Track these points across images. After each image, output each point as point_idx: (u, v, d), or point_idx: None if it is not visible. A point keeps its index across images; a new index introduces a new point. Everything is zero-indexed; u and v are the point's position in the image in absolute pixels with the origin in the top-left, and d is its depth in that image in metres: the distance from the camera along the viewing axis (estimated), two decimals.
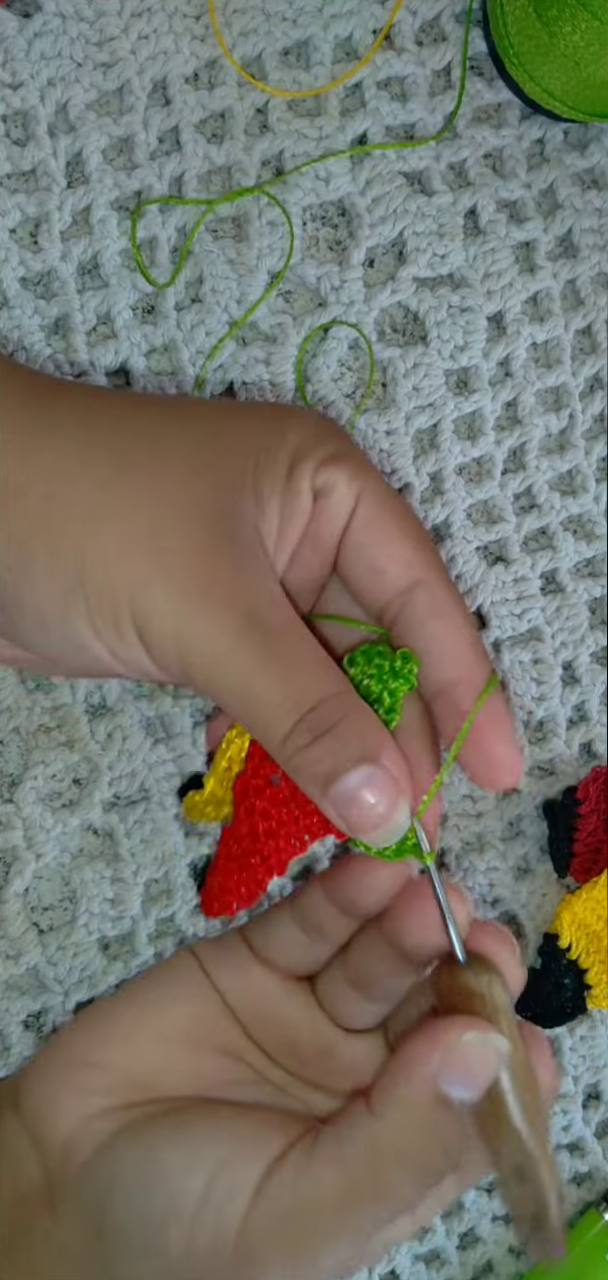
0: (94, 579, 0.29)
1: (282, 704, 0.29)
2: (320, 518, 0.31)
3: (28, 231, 0.38)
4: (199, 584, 0.29)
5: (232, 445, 0.31)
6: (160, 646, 0.29)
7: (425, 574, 0.32)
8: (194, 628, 0.29)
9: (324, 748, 0.29)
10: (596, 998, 0.42)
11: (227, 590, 0.29)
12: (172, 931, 0.41)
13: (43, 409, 0.30)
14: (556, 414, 0.42)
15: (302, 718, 0.29)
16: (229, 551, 0.30)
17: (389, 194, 0.40)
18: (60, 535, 0.29)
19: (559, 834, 0.42)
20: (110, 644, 0.29)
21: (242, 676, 0.29)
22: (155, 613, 0.29)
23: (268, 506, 0.31)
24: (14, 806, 0.39)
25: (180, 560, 0.29)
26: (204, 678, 0.29)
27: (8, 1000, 0.39)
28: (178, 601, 0.29)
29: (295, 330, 0.40)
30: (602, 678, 0.43)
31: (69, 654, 0.30)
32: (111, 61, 0.38)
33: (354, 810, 0.29)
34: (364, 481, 0.31)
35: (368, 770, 0.29)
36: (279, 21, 0.39)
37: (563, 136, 0.41)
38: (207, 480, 0.30)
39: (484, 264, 0.41)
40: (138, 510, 0.29)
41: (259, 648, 0.29)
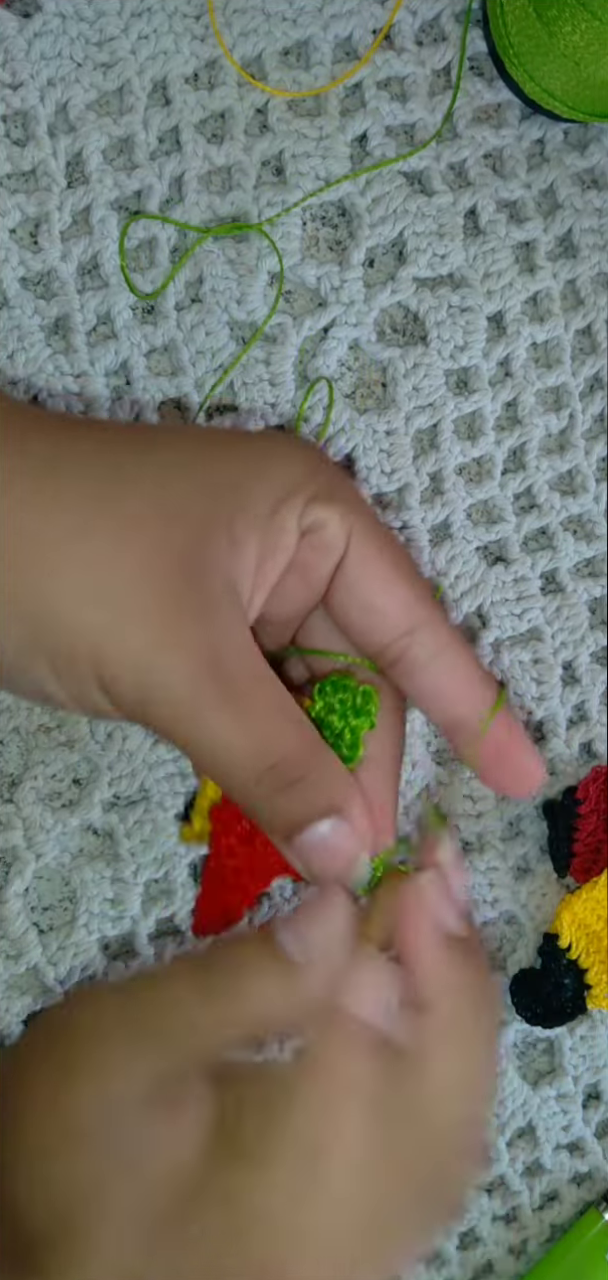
0: (55, 630, 0.29)
1: (245, 757, 0.29)
2: (311, 551, 0.31)
3: (28, 231, 0.38)
4: (161, 635, 0.29)
5: (207, 484, 0.31)
6: (122, 696, 0.29)
7: (426, 614, 0.31)
8: (154, 679, 0.28)
9: (288, 799, 0.29)
10: (596, 998, 0.42)
11: (189, 641, 0.29)
12: (171, 931, 0.41)
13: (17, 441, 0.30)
14: (556, 414, 0.42)
15: (265, 770, 0.29)
16: (194, 601, 0.29)
17: (389, 194, 0.40)
18: (23, 585, 0.29)
19: (559, 834, 0.42)
20: (73, 692, 0.29)
21: (204, 728, 0.29)
22: (115, 664, 0.28)
23: (244, 547, 0.30)
24: (14, 806, 0.39)
25: (142, 612, 0.29)
26: (166, 728, 0.29)
27: (8, 1000, 0.39)
28: (138, 653, 0.28)
29: (295, 330, 0.40)
30: (602, 678, 0.43)
31: (34, 697, 0.30)
32: (111, 61, 0.38)
33: (316, 860, 0.29)
34: (356, 519, 0.31)
35: (332, 823, 0.29)
36: (279, 21, 0.39)
37: (563, 136, 0.41)
38: (177, 526, 0.30)
39: (484, 264, 0.41)
40: (102, 561, 0.29)
41: (222, 699, 0.29)
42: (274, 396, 0.40)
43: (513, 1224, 0.45)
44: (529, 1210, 0.45)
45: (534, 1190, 0.45)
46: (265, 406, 0.40)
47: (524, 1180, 0.44)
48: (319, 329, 0.40)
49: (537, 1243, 0.45)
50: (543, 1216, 0.45)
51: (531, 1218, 0.45)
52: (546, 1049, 0.44)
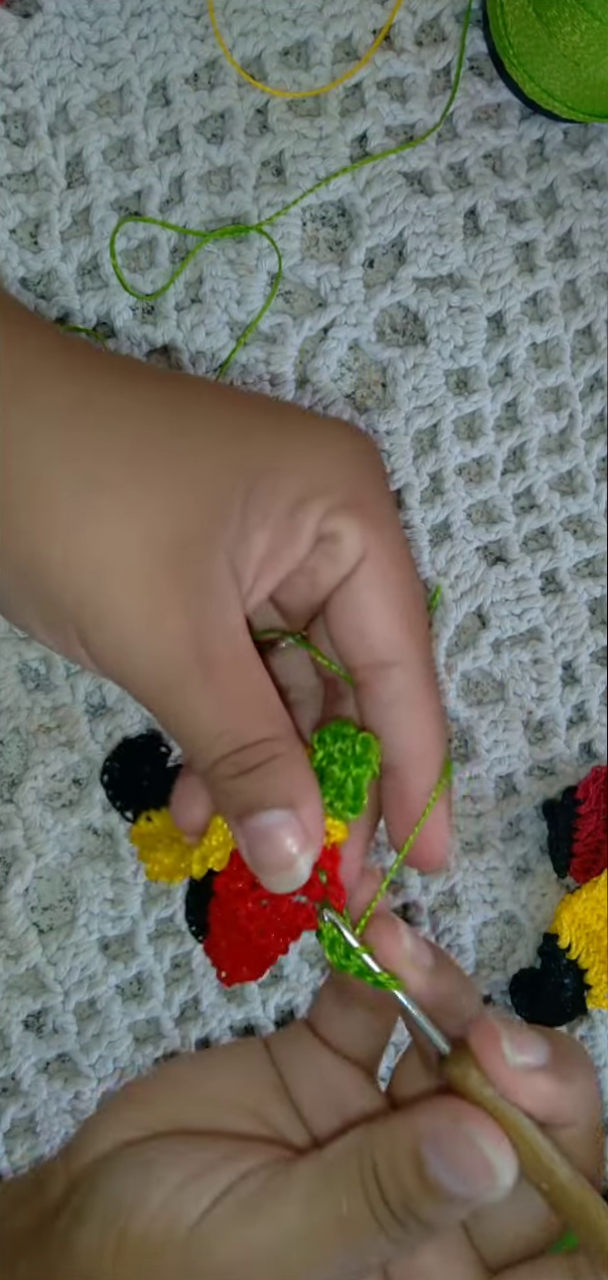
0: (44, 583, 0.29)
1: (215, 736, 0.29)
2: (324, 559, 0.30)
3: (28, 231, 0.38)
4: (149, 608, 0.29)
5: (231, 465, 0.30)
6: (102, 662, 0.29)
7: (405, 655, 0.31)
8: (136, 654, 0.29)
9: (247, 782, 0.29)
10: (596, 998, 0.42)
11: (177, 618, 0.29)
12: (172, 931, 0.41)
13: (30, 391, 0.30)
14: (556, 414, 0.42)
15: (232, 752, 0.29)
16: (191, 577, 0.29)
17: (389, 194, 0.40)
18: (20, 538, 0.29)
19: (559, 834, 0.42)
20: (59, 642, 0.30)
21: (179, 702, 0.29)
22: (95, 629, 0.29)
23: (254, 534, 0.30)
24: (14, 806, 0.39)
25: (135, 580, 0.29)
26: (143, 698, 0.29)
27: (8, 1000, 0.39)
28: (121, 627, 0.29)
29: (295, 330, 0.40)
30: (602, 678, 0.43)
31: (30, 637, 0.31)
32: (111, 61, 0.38)
33: (261, 848, 0.29)
34: (375, 538, 0.30)
35: (283, 815, 0.29)
36: (279, 21, 0.39)
37: (563, 136, 0.41)
38: (189, 500, 0.30)
39: (484, 264, 0.41)
40: (107, 519, 0.29)
41: (200, 679, 0.29)
42: (274, 396, 0.40)
43: None
44: None
45: None
46: None
47: None
48: (319, 329, 0.40)
49: None
50: None
51: None
52: None
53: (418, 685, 0.31)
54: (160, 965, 0.40)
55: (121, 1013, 0.40)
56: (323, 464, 0.31)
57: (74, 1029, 0.40)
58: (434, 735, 0.31)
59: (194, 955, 0.41)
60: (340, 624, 0.31)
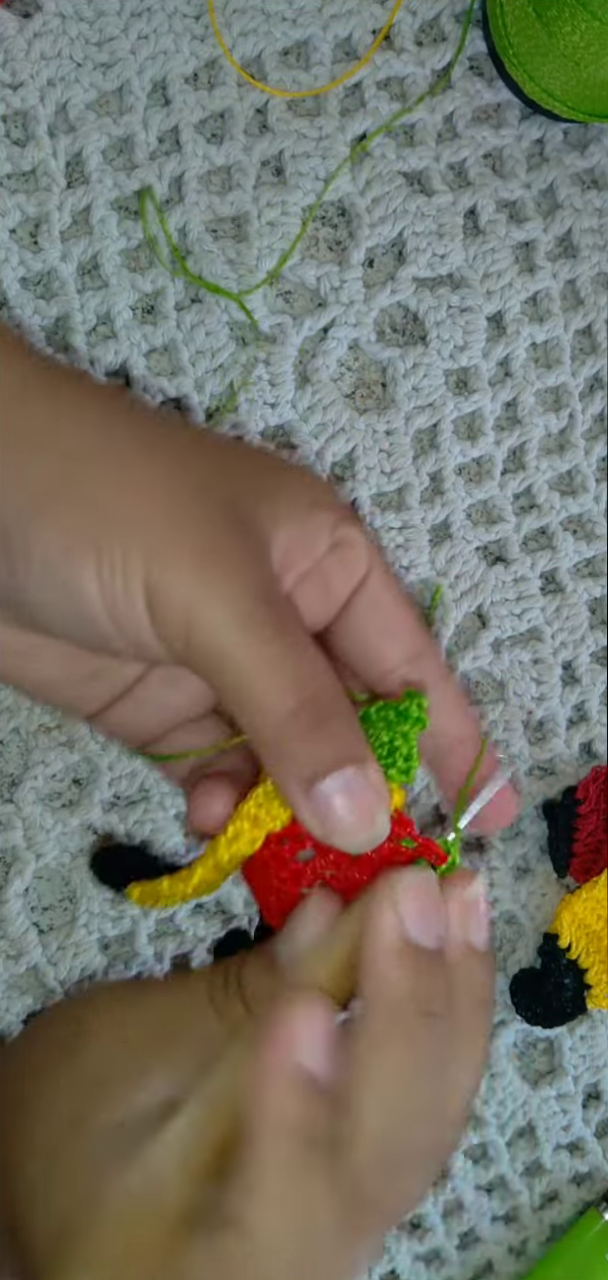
0: (108, 529, 0.28)
1: (284, 685, 0.29)
2: (337, 565, 0.32)
3: (28, 231, 0.38)
4: (214, 564, 0.29)
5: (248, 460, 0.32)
6: (167, 616, 0.28)
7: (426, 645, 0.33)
8: (205, 601, 0.28)
9: (316, 742, 0.29)
10: (596, 998, 0.42)
11: (240, 571, 0.29)
12: (171, 931, 0.41)
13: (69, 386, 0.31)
14: (555, 414, 0.42)
15: (302, 702, 0.29)
16: (242, 536, 0.30)
17: (389, 194, 0.40)
18: (77, 489, 0.29)
19: (559, 834, 0.42)
20: (113, 601, 0.29)
21: (246, 653, 0.28)
22: (168, 580, 0.28)
23: (281, 521, 0.30)
24: (14, 806, 0.39)
25: (196, 536, 0.29)
26: (208, 652, 0.29)
27: (8, 1000, 0.39)
28: (191, 574, 0.28)
29: (295, 330, 0.40)
30: (602, 678, 0.43)
31: (61, 606, 0.29)
32: (111, 61, 0.38)
33: (332, 813, 0.29)
34: (375, 549, 0.33)
35: (351, 773, 0.29)
36: (279, 21, 0.39)
37: (563, 136, 0.41)
38: (225, 477, 0.31)
39: (484, 264, 0.41)
40: (157, 483, 0.29)
41: (267, 629, 0.29)
42: (274, 396, 0.40)
43: (513, 1224, 0.45)
44: (529, 1210, 0.45)
45: (534, 1190, 0.45)
46: (265, 407, 0.40)
47: (524, 1180, 0.44)
48: (319, 329, 0.40)
49: (537, 1243, 0.45)
50: (543, 1216, 0.45)
51: (531, 1218, 0.45)
52: (546, 1049, 0.44)
53: (444, 668, 0.33)
54: (160, 965, 0.40)
55: None
56: (322, 486, 0.33)
57: None
58: (469, 713, 0.34)
59: (194, 955, 0.41)
60: (368, 628, 0.33)
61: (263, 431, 0.40)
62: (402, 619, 0.33)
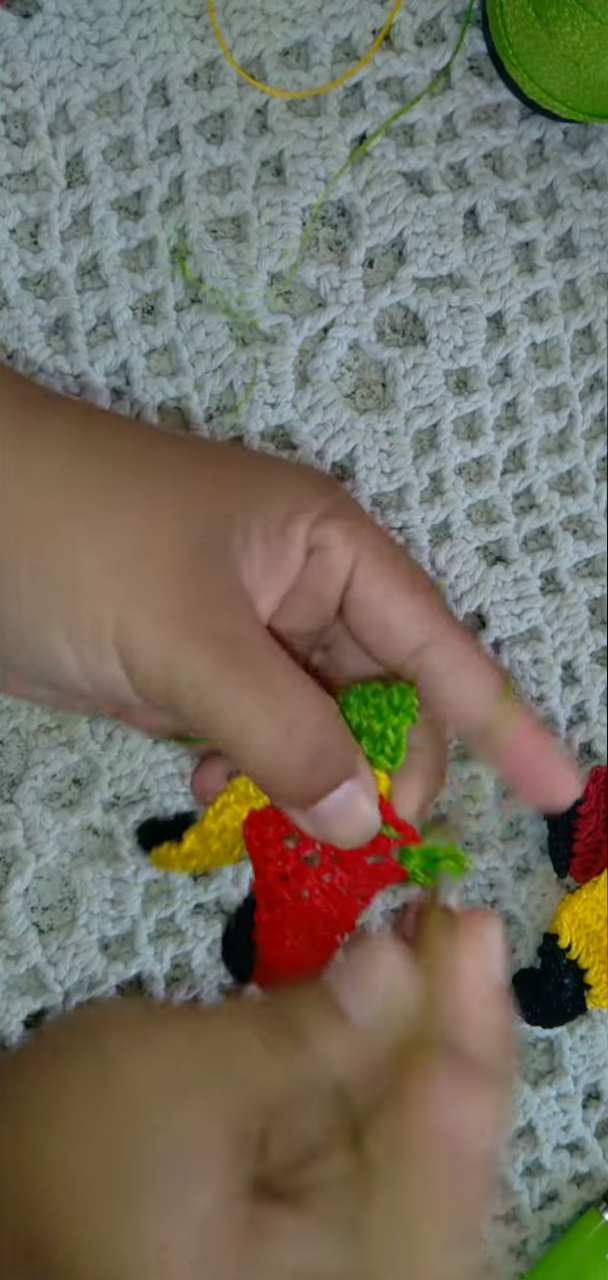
0: (77, 595, 0.28)
1: (274, 733, 0.29)
2: (318, 572, 0.31)
3: (28, 231, 0.38)
4: (187, 617, 0.29)
5: (224, 479, 0.31)
6: (145, 675, 0.29)
7: (438, 627, 0.31)
8: (181, 658, 0.28)
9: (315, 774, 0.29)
10: (596, 998, 0.42)
11: (215, 624, 0.29)
12: (172, 931, 0.41)
13: (37, 420, 0.30)
14: (555, 414, 0.42)
15: (294, 746, 0.29)
16: (214, 585, 0.29)
17: (389, 194, 0.40)
18: (46, 548, 0.29)
19: (559, 834, 0.42)
20: (89, 667, 0.29)
21: (229, 704, 0.29)
22: (141, 644, 0.28)
23: (253, 546, 0.30)
24: (14, 806, 0.39)
25: (166, 590, 0.29)
26: (190, 707, 0.29)
27: (8, 1000, 0.39)
28: (164, 632, 0.28)
29: (295, 330, 0.40)
30: (602, 678, 0.43)
31: (39, 667, 0.29)
32: (111, 61, 0.38)
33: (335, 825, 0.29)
34: (362, 538, 0.31)
35: (347, 787, 0.29)
36: (279, 22, 0.39)
37: (563, 136, 0.41)
38: (196, 510, 0.30)
39: (484, 264, 0.41)
40: (126, 533, 0.29)
41: (249, 677, 0.29)
42: (274, 396, 0.40)
43: (513, 1224, 0.45)
44: (529, 1210, 0.45)
45: (534, 1190, 0.45)
46: (265, 407, 0.40)
47: (524, 1180, 0.44)
48: (319, 329, 0.40)
49: (537, 1243, 0.45)
50: (543, 1216, 0.45)
51: (531, 1218, 0.45)
52: (546, 1049, 0.44)
53: (463, 645, 0.32)
54: (160, 965, 0.40)
55: None
56: (298, 486, 0.32)
57: None
58: (498, 680, 0.32)
59: (194, 955, 0.41)
60: (364, 628, 0.32)
61: (263, 431, 0.40)
62: (404, 608, 0.31)
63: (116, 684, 0.29)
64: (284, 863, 0.32)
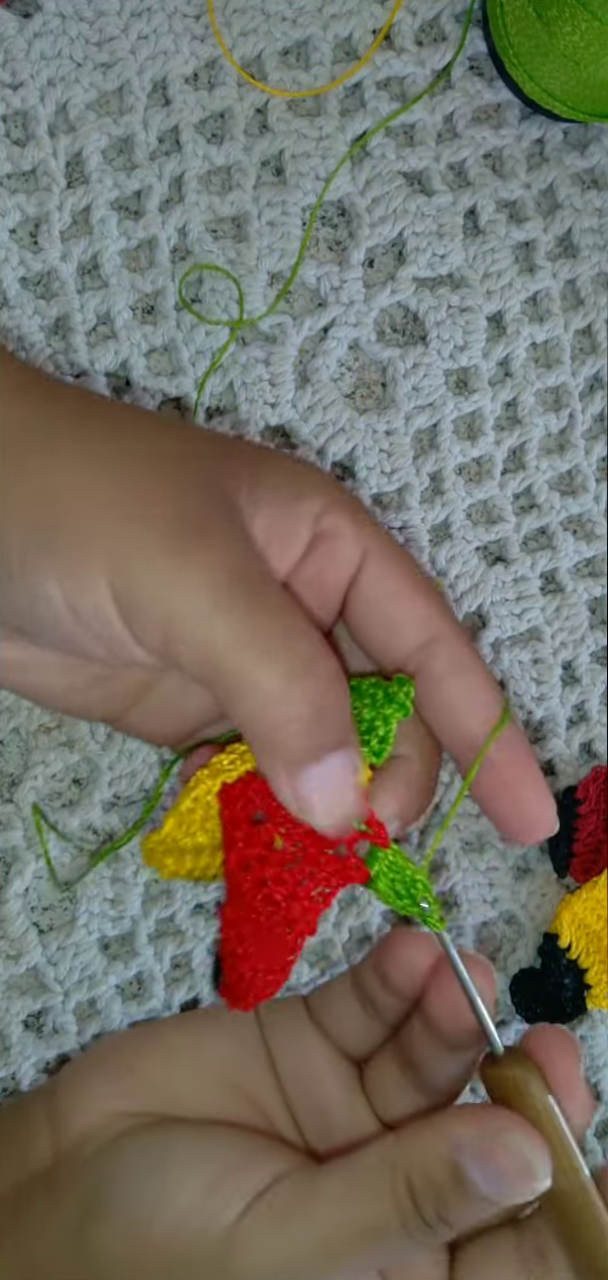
0: (66, 535, 0.27)
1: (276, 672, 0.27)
2: (326, 561, 0.30)
3: (28, 231, 0.38)
4: (185, 545, 0.27)
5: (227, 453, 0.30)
6: (140, 614, 0.27)
7: (442, 629, 0.31)
8: (179, 591, 0.26)
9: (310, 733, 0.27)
10: (596, 998, 0.42)
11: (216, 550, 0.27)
12: (172, 931, 0.41)
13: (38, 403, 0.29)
14: (555, 414, 0.42)
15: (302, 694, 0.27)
16: (220, 513, 0.28)
17: (389, 194, 0.40)
18: (37, 491, 0.27)
19: (559, 834, 0.42)
20: (77, 606, 0.27)
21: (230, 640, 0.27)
22: (135, 579, 0.27)
23: (261, 508, 0.29)
24: (14, 806, 0.39)
25: (165, 521, 0.27)
26: (189, 645, 0.27)
27: (8, 1000, 0.39)
28: (161, 565, 0.27)
29: (295, 330, 0.40)
30: (602, 678, 0.43)
31: (35, 619, 0.28)
32: (111, 61, 0.38)
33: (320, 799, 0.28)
34: (372, 535, 0.30)
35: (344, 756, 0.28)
36: (279, 21, 0.39)
37: (563, 136, 0.41)
38: (200, 464, 0.29)
39: (484, 264, 0.41)
40: (125, 473, 0.28)
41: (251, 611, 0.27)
42: (274, 396, 0.40)
43: None
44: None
45: None
46: (265, 406, 0.40)
47: None
48: (319, 329, 0.40)
49: None
50: None
51: None
52: None
53: (465, 651, 0.31)
54: (160, 965, 0.40)
55: (121, 1013, 0.40)
56: (312, 473, 0.31)
57: (74, 1029, 0.40)
58: (497, 695, 0.31)
59: (194, 955, 0.41)
60: (369, 621, 0.31)
61: (263, 431, 0.40)
62: (409, 607, 0.30)
63: (110, 627, 0.27)
64: (247, 845, 0.30)
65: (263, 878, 0.30)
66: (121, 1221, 0.29)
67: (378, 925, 0.42)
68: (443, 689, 0.31)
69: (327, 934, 0.41)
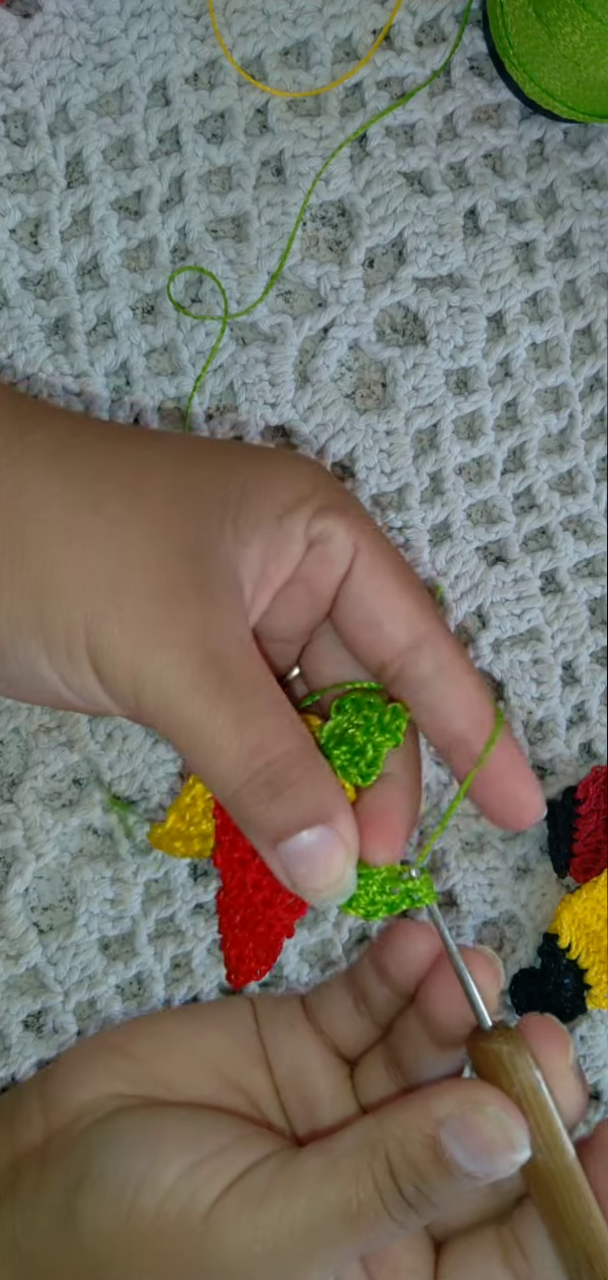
0: (52, 609, 0.28)
1: (237, 754, 0.28)
2: (318, 564, 0.31)
3: (28, 231, 0.38)
4: (159, 624, 0.28)
5: (214, 473, 0.30)
6: (114, 682, 0.28)
7: (429, 629, 0.31)
8: (150, 667, 0.28)
9: (279, 805, 0.28)
10: (596, 998, 0.42)
11: (188, 632, 0.28)
12: (172, 931, 0.41)
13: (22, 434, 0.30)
14: (556, 414, 0.42)
15: (257, 771, 0.28)
16: (196, 592, 0.28)
17: (389, 194, 0.40)
18: (23, 559, 0.28)
19: (559, 834, 0.42)
20: (64, 673, 0.28)
21: (197, 720, 0.28)
22: (110, 649, 0.28)
23: (249, 545, 0.29)
24: (14, 806, 0.39)
25: (141, 600, 0.28)
26: (159, 719, 0.28)
27: (8, 1000, 0.39)
28: (135, 640, 0.28)
29: (295, 330, 0.40)
30: (602, 678, 0.43)
31: (25, 681, 0.29)
32: (111, 61, 0.38)
33: (301, 869, 0.28)
34: (363, 532, 0.31)
35: (320, 832, 0.28)
36: (279, 21, 0.39)
37: (563, 136, 0.41)
38: (184, 511, 0.29)
39: (484, 264, 0.41)
40: (106, 544, 0.28)
41: (217, 692, 0.28)
42: (274, 396, 0.40)
43: None
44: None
45: None
46: (265, 407, 0.40)
47: None
48: (319, 329, 0.40)
49: None
50: None
51: None
52: None
53: (450, 653, 0.31)
54: (160, 965, 0.40)
55: (122, 1013, 0.40)
56: (298, 479, 0.31)
57: (74, 1029, 0.40)
58: (482, 694, 0.31)
59: (194, 955, 0.41)
60: (355, 622, 0.31)
61: (263, 432, 0.40)
62: (395, 606, 0.31)
63: (92, 690, 0.28)
64: (233, 849, 0.31)
65: (245, 881, 0.31)
66: (108, 1194, 0.29)
67: (377, 925, 0.42)
68: (430, 691, 0.31)
69: (327, 934, 0.41)
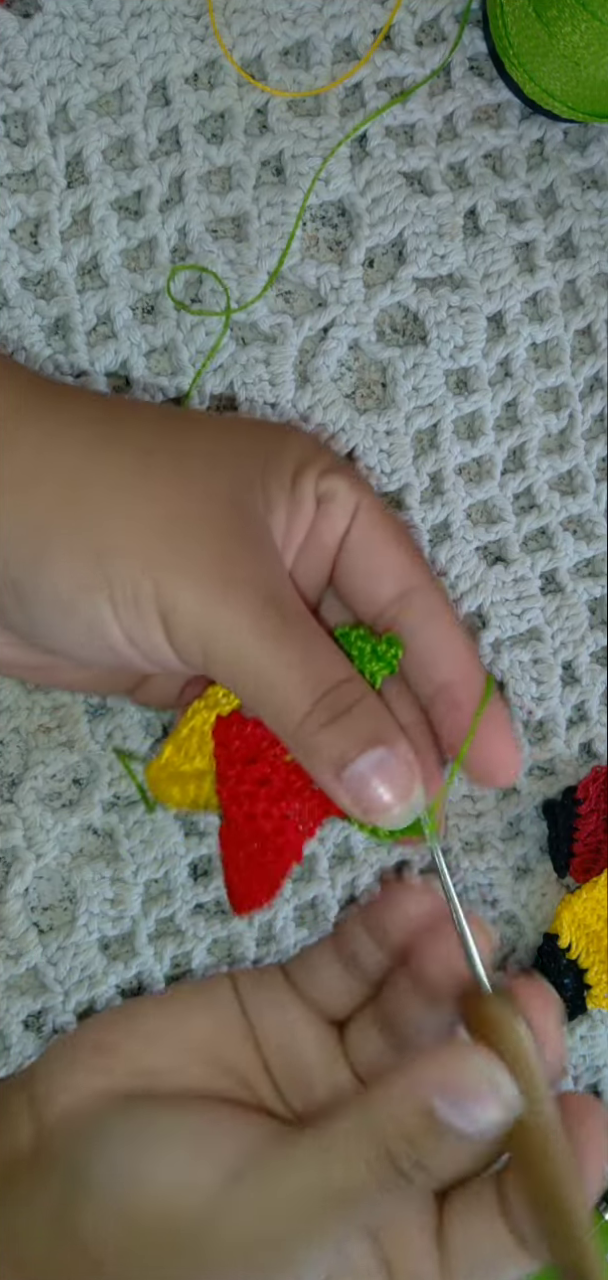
0: (116, 562, 0.29)
1: (301, 684, 0.30)
2: (322, 521, 0.32)
3: (28, 231, 0.38)
4: (221, 571, 0.29)
5: (243, 447, 0.32)
6: (182, 638, 0.30)
7: (419, 580, 0.33)
8: (217, 614, 0.29)
9: (340, 730, 0.29)
10: (596, 998, 0.42)
11: (247, 576, 0.30)
12: (172, 931, 0.41)
13: (61, 406, 0.31)
14: (555, 414, 0.42)
15: (320, 698, 0.30)
16: (248, 539, 0.30)
17: (389, 194, 0.40)
18: (81, 520, 0.29)
19: (559, 834, 0.42)
20: (131, 633, 0.30)
21: (262, 659, 0.29)
22: (179, 600, 0.29)
23: (275, 508, 0.32)
24: (14, 806, 0.39)
25: (202, 548, 0.30)
26: (227, 668, 0.30)
27: (8, 1000, 0.39)
28: (201, 589, 0.29)
29: (295, 330, 0.40)
30: (602, 678, 0.43)
31: (83, 640, 0.30)
32: (111, 61, 0.38)
33: (366, 793, 0.29)
34: (363, 491, 0.33)
35: (382, 753, 0.29)
36: (279, 21, 0.39)
37: (563, 136, 0.41)
38: (224, 474, 0.31)
39: (484, 264, 0.41)
40: (160, 499, 0.30)
41: (279, 630, 0.29)
42: (274, 396, 0.40)
43: None
44: None
45: None
46: (265, 407, 0.40)
47: None
48: (319, 329, 0.40)
49: None
50: None
51: None
52: None
53: (440, 603, 0.33)
54: (160, 965, 0.40)
55: None
56: (306, 444, 0.33)
57: (74, 1029, 0.40)
58: (469, 646, 0.33)
59: (194, 955, 0.41)
60: (353, 573, 0.33)
61: None
62: (390, 558, 0.32)
63: (158, 647, 0.30)
64: (239, 783, 0.32)
65: (252, 813, 0.32)
66: (105, 1197, 0.30)
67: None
68: (417, 638, 0.32)
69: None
